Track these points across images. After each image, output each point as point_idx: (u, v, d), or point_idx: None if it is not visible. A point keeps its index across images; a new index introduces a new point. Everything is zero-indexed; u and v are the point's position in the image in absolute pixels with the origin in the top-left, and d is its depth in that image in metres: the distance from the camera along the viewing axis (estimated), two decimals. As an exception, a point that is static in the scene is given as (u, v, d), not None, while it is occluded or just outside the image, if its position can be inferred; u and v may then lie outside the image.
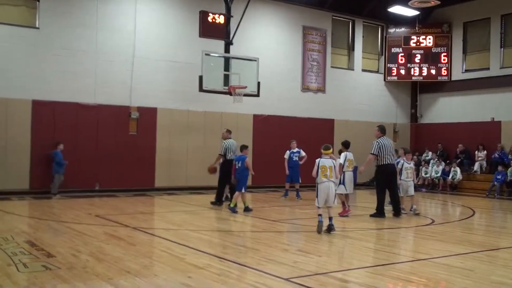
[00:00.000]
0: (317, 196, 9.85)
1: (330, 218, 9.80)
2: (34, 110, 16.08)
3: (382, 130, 12.26)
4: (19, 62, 15.94)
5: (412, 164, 13.17)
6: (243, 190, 12.59)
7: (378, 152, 12.03)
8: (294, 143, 16.39)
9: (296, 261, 7.33)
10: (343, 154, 12.42)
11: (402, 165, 12.85)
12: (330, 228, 9.74)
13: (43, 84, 16.22)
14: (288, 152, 16.31)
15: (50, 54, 16.37)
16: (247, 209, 12.70)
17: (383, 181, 12.32)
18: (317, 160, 9.91)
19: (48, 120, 16.23)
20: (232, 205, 12.58)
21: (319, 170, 9.76)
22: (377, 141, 12.10)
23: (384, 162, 12.11)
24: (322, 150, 10.06)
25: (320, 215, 9.83)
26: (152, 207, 14.58)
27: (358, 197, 15.57)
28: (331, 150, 10.16)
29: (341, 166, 12.00)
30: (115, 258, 7.31)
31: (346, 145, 12.57)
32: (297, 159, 16.06)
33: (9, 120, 15.69)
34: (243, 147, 13.13)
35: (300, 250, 8.36)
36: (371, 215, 12.17)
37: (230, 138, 14.23)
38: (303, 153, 16.14)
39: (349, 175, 12.25)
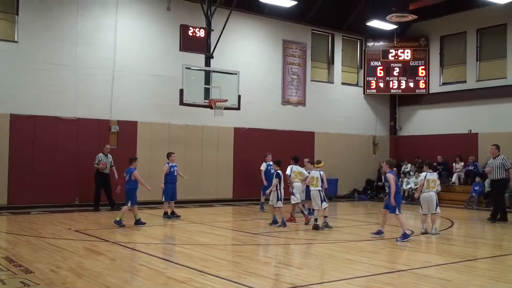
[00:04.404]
0: None
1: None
2: (13, 124, 15.90)
3: (499, 148, 14.69)
4: (-2, 76, 15.80)
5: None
6: (129, 204, 12.46)
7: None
8: (270, 156, 16.42)
9: (277, 274, 7.34)
10: (289, 167, 13.97)
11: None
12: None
13: (22, 98, 16.07)
14: (264, 164, 16.31)
15: (29, 68, 16.24)
16: (138, 222, 12.54)
17: (498, 192, 14.93)
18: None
19: (27, 134, 16.06)
20: (118, 219, 12.33)
21: None
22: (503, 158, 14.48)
23: (497, 177, 14.55)
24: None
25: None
26: (132, 221, 14.44)
27: (340, 210, 15.64)
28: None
29: (288, 177, 13.74)
30: (95, 273, 7.25)
31: (294, 159, 14.16)
32: (273, 171, 16.04)
33: (-14, 134, 15.52)
34: (132, 160, 12.99)
35: (281, 263, 8.38)
36: (489, 219, 14.58)
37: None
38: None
39: (297, 186, 13.70)
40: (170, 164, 14.35)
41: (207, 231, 12.23)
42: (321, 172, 12.52)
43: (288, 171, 13.86)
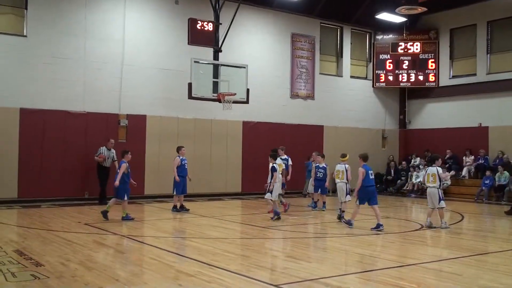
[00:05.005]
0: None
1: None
2: (22, 119, 15.97)
3: None
4: (7, 70, 15.84)
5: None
6: (125, 198, 12.23)
7: None
8: (280, 151, 16.31)
9: (286, 267, 7.33)
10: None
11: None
12: None
13: (31, 92, 16.14)
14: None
15: (38, 62, 16.28)
16: (105, 213, 12.18)
17: None
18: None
19: (36, 128, 16.13)
20: (124, 215, 12.20)
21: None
22: None
23: None
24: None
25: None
26: (142, 214, 14.52)
27: (349, 203, 15.58)
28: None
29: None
30: (104, 267, 7.28)
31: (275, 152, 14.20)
32: (284, 166, 16.00)
33: (-3, 128, 15.61)
34: (124, 153, 12.70)
35: (289, 256, 8.37)
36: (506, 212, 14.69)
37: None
38: (290, 162, 16.09)
39: (278, 178, 13.54)
40: (180, 158, 14.36)
41: (216, 225, 12.25)
42: (347, 166, 12.98)
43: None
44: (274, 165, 12.77)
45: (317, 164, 15.27)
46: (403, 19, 22.10)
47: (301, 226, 12.26)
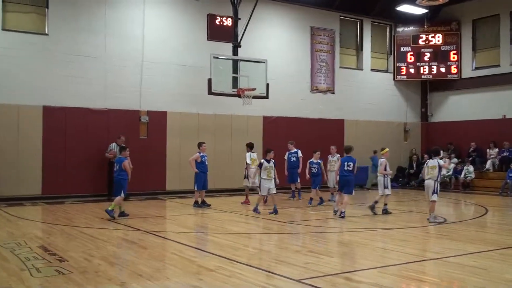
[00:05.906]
0: None
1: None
2: (45, 116, 16.20)
3: None
4: (30, 69, 16.07)
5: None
6: (122, 195, 11.99)
7: None
8: (290, 145, 16.39)
9: (308, 262, 7.31)
10: (247, 154, 14.80)
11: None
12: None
13: (53, 90, 16.34)
14: (287, 153, 16.37)
15: (60, 60, 16.49)
16: (122, 214, 12.09)
17: None
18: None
19: (59, 125, 16.35)
20: (110, 208, 11.85)
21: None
22: None
23: None
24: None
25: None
26: (164, 210, 14.62)
27: (370, 197, 15.50)
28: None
29: (245, 163, 14.80)
30: (127, 262, 7.34)
31: (250, 146, 14.97)
32: (294, 159, 16.09)
33: (20, 126, 15.83)
34: (122, 149, 12.56)
35: (311, 251, 8.34)
36: None
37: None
38: (300, 154, 16.18)
39: (253, 171, 14.40)
40: (201, 154, 14.38)
41: (237, 220, 12.27)
42: (381, 159, 13.02)
43: (247, 159, 14.82)
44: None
45: (311, 160, 15.23)
46: (424, 11, 21.82)
47: (321, 220, 12.21)
